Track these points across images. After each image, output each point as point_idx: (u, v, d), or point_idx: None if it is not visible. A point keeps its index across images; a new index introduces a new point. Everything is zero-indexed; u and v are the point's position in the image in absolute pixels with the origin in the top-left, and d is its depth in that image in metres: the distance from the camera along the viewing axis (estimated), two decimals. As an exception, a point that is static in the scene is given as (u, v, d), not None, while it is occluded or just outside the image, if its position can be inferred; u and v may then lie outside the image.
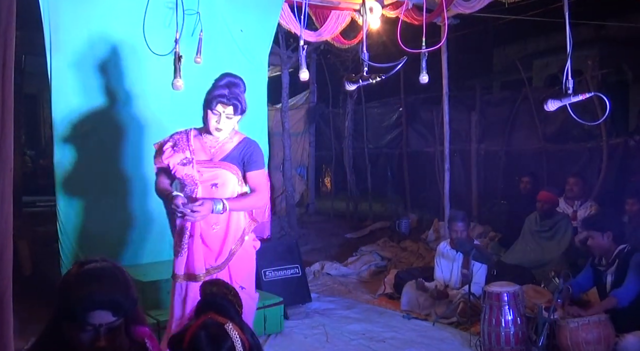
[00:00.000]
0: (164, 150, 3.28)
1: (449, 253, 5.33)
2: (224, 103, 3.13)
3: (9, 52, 1.31)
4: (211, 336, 1.85)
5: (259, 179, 3.29)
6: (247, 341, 1.93)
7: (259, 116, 5.20)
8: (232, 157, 3.25)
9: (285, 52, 8.31)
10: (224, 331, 1.87)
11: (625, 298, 3.94)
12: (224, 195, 3.18)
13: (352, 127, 10.47)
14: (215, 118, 3.17)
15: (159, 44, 3.67)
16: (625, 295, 3.95)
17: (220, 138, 3.26)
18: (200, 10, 4.29)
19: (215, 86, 3.18)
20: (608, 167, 6.84)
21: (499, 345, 4.12)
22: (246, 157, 3.25)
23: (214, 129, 3.19)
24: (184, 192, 3.22)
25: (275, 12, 5.13)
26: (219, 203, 3.10)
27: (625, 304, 3.93)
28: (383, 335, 4.67)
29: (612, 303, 3.97)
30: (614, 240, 4.16)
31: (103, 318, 1.77)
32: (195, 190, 3.21)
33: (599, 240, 4.18)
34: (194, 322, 1.91)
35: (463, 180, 8.60)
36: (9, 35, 1.33)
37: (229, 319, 1.92)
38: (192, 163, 3.20)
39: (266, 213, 3.59)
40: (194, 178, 3.21)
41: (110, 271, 1.86)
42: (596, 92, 4.12)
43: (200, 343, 1.84)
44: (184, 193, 3.20)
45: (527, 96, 7.87)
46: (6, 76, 1.25)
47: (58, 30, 4.27)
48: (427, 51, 3.99)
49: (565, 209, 6.07)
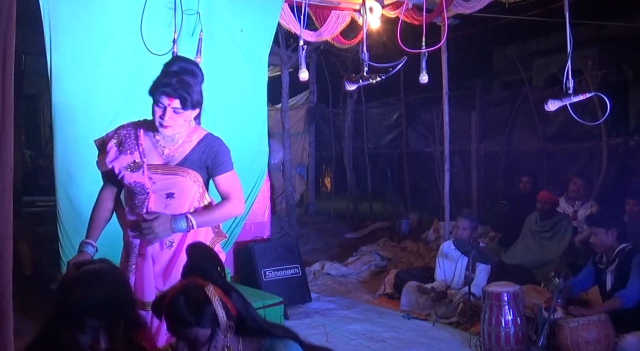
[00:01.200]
0: (108, 150, 2.68)
1: (453, 253, 5.32)
2: (169, 94, 2.53)
3: (9, 52, 1.31)
4: (190, 300, 1.77)
5: (230, 183, 2.69)
6: (232, 306, 1.85)
7: (259, 116, 5.20)
8: (192, 161, 2.64)
9: (285, 52, 8.31)
10: (204, 296, 1.79)
11: (630, 300, 3.93)
12: (181, 208, 2.60)
13: (352, 127, 10.47)
14: (159, 112, 2.57)
15: (159, 44, 3.68)
16: (630, 297, 3.94)
17: (175, 137, 2.65)
18: (200, 10, 4.29)
19: (163, 72, 2.60)
20: (608, 167, 6.85)
21: (499, 345, 4.12)
22: (210, 159, 2.66)
23: (159, 126, 2.58)
24: (132, 202, 2.66)
25: (275, 12, 5.12)
26: (182, 221, 2.53)
27: (629, 305, 3.92)
28: (383, 335, 4.67)
29: (616, 304, 3.96)
30: (617, 238, 4.15)
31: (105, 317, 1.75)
32: (147, 201, 2.61)
33: (602, 237, 4.17)
34: (177, 284, 1.85)
35: (463, 180, 8.60)
36: (9, 35, 1.33)
37: (211, 282, 1.84)
38: (142, 169, 2.61)
39: (266, 213, 3.51)
40: (144, 186, 2.61)
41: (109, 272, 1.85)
42: (596, 92, 4.13)
43: (179, 308, 1.76)
44: (132, 204, 2.66)
45: (527, 96, 7.87)
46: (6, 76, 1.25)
47: (58, 30, 4.26)
48: (427, 51, 3.99)
49: (565, 209, 6.07)
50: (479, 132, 8.34)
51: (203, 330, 1.77)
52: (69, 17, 4.32)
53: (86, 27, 4.44)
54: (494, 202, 8.22)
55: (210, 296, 1.79)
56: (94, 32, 4.47)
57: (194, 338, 1.77)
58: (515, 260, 5.70)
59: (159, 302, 1.82)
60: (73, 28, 4.38)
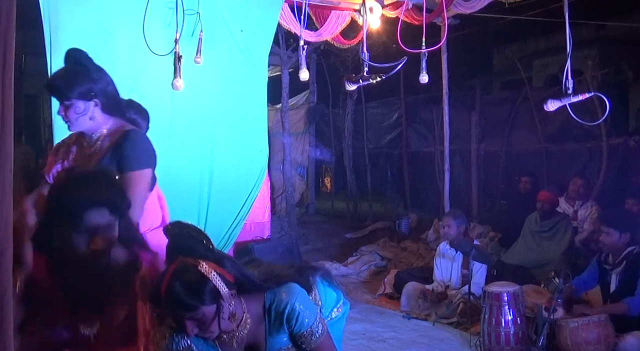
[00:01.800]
0: (49, 160, 2.51)
1: (449, 253, 5.33)
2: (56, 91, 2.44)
3: (9, 52, 1.31)
4: (187, 284, 1.74)
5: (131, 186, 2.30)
6: (229, 275, 1.83)
7: (259, 116, 5.20)
8: (106, 162, 2.38)
9: (285, 52, 8.31)
10: (200, 275, 1.76)
11: (637, 308, 3.89)
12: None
13: (352, 127, 10.47)
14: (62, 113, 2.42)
15: (159, 44, 3.67)
16: (637, 305, 3.88)
17: (94, 136, 2.47)
18: (200, 10, 4.28)
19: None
20: (608, 167, 6.84)
21: (499, 345, 4.12)
22: (117, 156, 2.37)
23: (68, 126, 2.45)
24: None
25: (275, 12, 5.12)
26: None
27: (635, 313, 3.88)
28: (383, 335, 4.67)
29: (622, 309, 3.91)
30: (628, 242, 4.07)
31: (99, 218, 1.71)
32: None
33: (614, 238, 4.06)
34: (166, 270, 1.80)
35: (463, 180, 8.60)
36: (9, 35, 1.33)
37: (200, 258, 1.80)
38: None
39: (266, 213, 3.50)
40: None
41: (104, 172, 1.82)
42: (596, 92, 4.12)
43: (178, 295, 1.73)
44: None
45: (527, 96, 7.87)
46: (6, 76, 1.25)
47: (58, 30, 4.26)
48: (427, 51, 3.99)
49: (565, 209, 6.07)
50: (479, 132, 8.34)
51: (208, 307, 1.77)
52: (69, 17, 4.32)
53: (86, 27, 4.44)
54: (493, 201, 8.22)
55: (206, 273, 1.77)
56: (94, 32, 4.47)
57: (202, 317, 1.77)
58: (515, 260, 5.70)
59: (156, 295, 1.78)
60: (73, 28, 4.38)
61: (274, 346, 1.96)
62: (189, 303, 1.74)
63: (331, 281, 2.35)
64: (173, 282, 1.74)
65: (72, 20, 4.34)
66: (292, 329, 1.93)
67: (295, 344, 1.97)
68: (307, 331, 1.93)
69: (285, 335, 1.96)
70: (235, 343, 1.92)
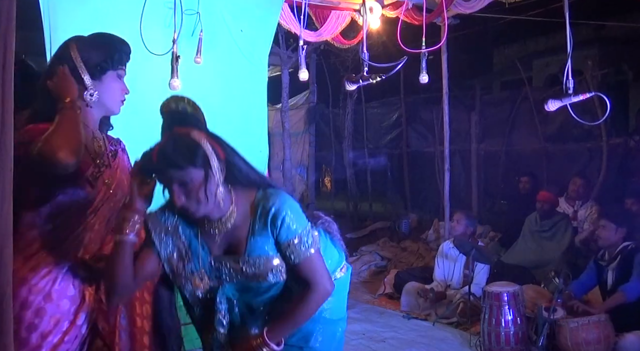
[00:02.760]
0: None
1: (451, 252, 5.32)
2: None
3: (9, 52, 1.31)
4: (180, 143, 1.76)
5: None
6: (220, 150, 1.84)
7: (259, 116, 5.20)
8: None
9: (285, 52, 8.31)
10: (193, 140, 1.77)
11: (633, 294, 3.96)
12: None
13: (352, 127, 10.47)
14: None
15: (159, 44, 3.67)
16: (633, 290, 3.97)
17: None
18: (200, 10, 4.28)
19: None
20: (608, 167, 6.84)
21: (498, 345, 4.12)
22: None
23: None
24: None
25: (275, 12, 5.12)
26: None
27: (632, 299, 3.95)
28: (383, 335, 4.67)
29: (620, 298, 3.98)
30: (623, 238, 4.15)
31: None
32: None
33: (610, 232, 4.16)
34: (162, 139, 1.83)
35: (463, 180, 8.60)
36: (9, 35, 1.33)
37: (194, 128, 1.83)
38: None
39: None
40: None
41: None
42: (596, 92, 4.12)
43: (171, 152, 1.74)
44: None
45: (527, 96, 7.87)
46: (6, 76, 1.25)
47: (58, 30, 4.26)
48: (427, 51, 3.99)
49: (565, 209, 6.07)
50: (479, 132, 8.34)
51: (196, 170, 1.75)
52: (69, 17, 4.32)
53: (86, 27, 4.42)
54: (494, 201, 8.23)
55: (198, 139, 1.78)
56: (93, 32, 4.47)
57: (190, 180, 1.75)
58: (515, 260, 5.70)
59: (147, 158, 1.79)
60: (73, 28, 4.37)
61: (254, 250, 1.87)
62: (179, 160, 1.74)
63: (334, 238, 2.23)
64: (167, 142, 1.78)
65: (72, 20, 4.33)
66: (277, 234, 1.84)
67: (283, 256, 1.87)
68: (295, 238, 1.83)
69: (269, 241, 1.86)
70: (218, 238, 1.89)
